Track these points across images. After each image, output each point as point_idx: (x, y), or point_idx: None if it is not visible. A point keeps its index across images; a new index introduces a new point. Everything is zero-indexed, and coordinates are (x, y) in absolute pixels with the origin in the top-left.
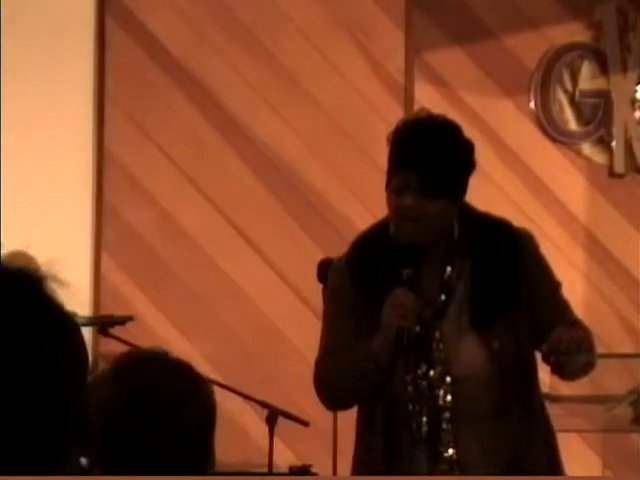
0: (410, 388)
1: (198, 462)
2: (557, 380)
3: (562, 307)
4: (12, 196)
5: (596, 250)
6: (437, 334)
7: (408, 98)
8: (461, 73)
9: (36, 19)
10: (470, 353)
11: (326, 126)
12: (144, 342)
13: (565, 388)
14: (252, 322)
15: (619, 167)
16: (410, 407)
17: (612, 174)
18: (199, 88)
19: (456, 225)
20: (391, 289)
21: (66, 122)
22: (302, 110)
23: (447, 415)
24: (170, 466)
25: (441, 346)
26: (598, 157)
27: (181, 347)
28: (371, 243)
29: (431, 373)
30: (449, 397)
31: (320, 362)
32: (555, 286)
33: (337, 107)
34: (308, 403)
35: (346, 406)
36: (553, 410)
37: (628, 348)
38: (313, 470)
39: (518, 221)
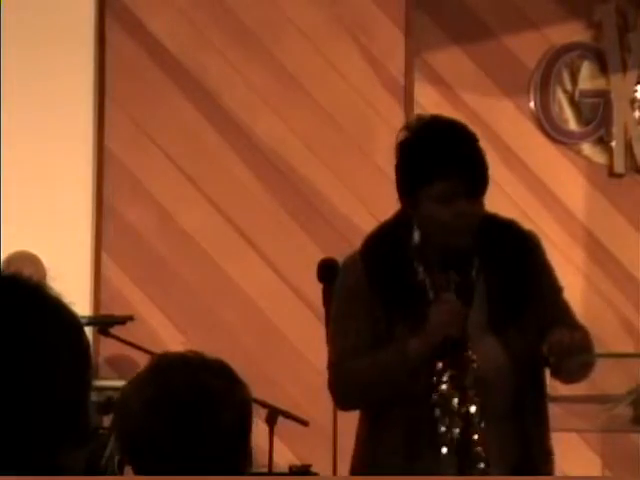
0: (437, 392)
1: (234, 462)
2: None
3: (565, 311)
4: (12, 196)
5: (596, 250)
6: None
7: (408, 98)
8: (461, 73)
9: (36, 19)
10: (493, 356)
11: (326, 126)
12: (144, 342)
13: (565, 388)
14: (252, 322)
15: (619, 167)
16: (437, 411)
17: (612, 174)
18: (199, 88)
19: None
20: (409, 293)
21: (66, 122)
22: (302, 110)
23: (477, 419)
24: (206, 466)
25: (470, 351)
26: (598, 157)
27: (181, 347)
28: (388, 246)
29: (460, 377)
30: (477, 399)
31: (338, 364)
32: (560, 290)
33: (337, 107)
34: (308, 403)
35: (363, 406)
36: (553, 410)
37: (628, 348)
38: (313, 470)
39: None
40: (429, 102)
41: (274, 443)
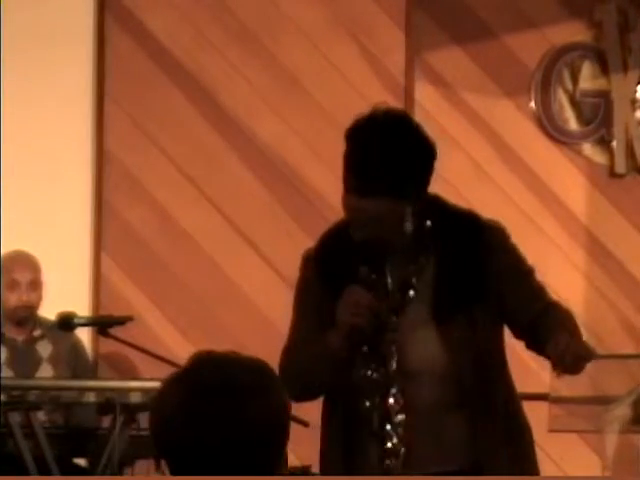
0: (365, 383)
1: (268, 463)
2: (557, 380)
3: (537, 290)
4: (12, 196)
5: (596, 250)
6: (393, 329)
7: (408, 98)
8: (461, 73)
9: (36, 19)
10: (426, 347)
11: (326, 126)
12: (144, 342)
13: (565, 388)
14: (252, 322)
15: (619, 167)
16: (366, 402)
17: (612, 174)
18: (199, 88)
19: (410, 222)
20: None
21: (66, 122)
22: (302, 110)
23: (398, 409)
24: (239, 466)
25: (396, 341)
26: (598, 157)
27: (181, 347)
28: (336, 240)
29: (384, 368)
30: (401, 392)
31: (284, 353)
32: (528, 271)
33: (337, 107)
34: (308, 403)
35: (306, 398)
36: (553, 410)
37: (628, 349)
38: (313, 470)
39: (518, 221)
40: (429, 102)
41: None
